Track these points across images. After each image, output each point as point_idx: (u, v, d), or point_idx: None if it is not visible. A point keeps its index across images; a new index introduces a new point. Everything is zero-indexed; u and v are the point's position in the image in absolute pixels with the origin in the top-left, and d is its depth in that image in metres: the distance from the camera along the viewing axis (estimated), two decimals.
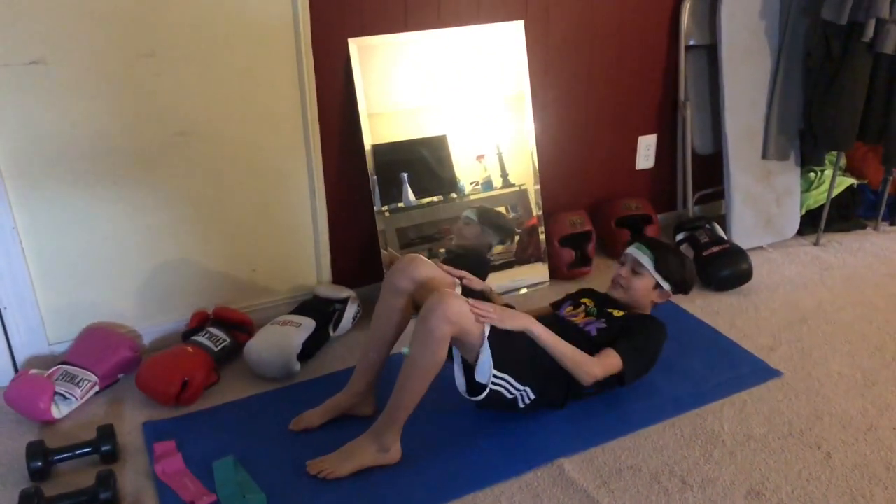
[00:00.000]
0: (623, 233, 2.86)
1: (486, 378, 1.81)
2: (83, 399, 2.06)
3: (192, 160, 2.19)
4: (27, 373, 2.06)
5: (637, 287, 2.07)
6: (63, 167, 2.04)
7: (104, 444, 1.84)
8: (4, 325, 2.13)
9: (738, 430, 1.96)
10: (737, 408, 2.05)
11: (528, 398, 1.90)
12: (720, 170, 2.92)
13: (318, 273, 2.51)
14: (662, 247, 2.12)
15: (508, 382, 1.84)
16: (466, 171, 2.55)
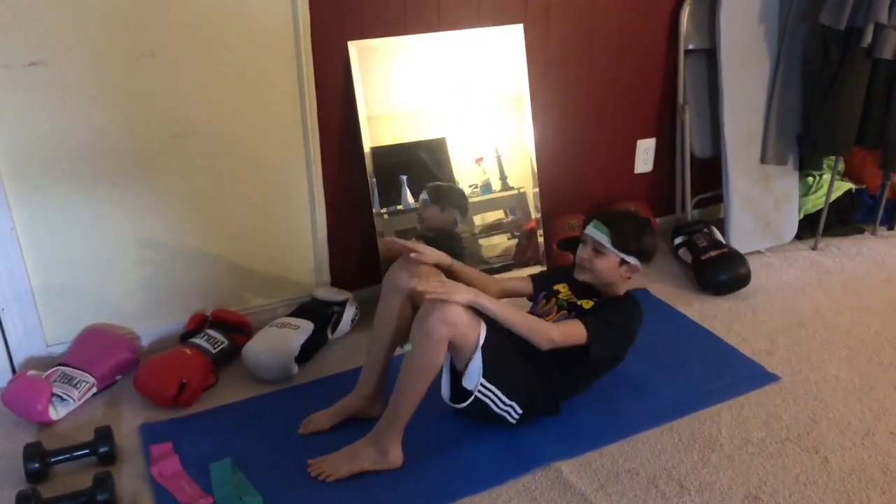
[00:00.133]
0: None
1: (474, 385, 1.80)
2: (81, 400, 2.06)
3: (191, 162, 2.20)
4: (25, 374, 2.06)
5: (601, 267, 1.93)
6: (62, 168, 2.04)
7: (102, 446, 1.84)
8: (2, 327, 2.12)
9: (736, 435, 1.96)
10: (734, 412, 2.05)
11: (517, 413, 1.89)
12: (719, 174, 2.92)
13: (317, 275, 2.51)
14: (617, 219, 1.97)
15: (495, 395, 1.83)
16: (465, 174, 2.56)
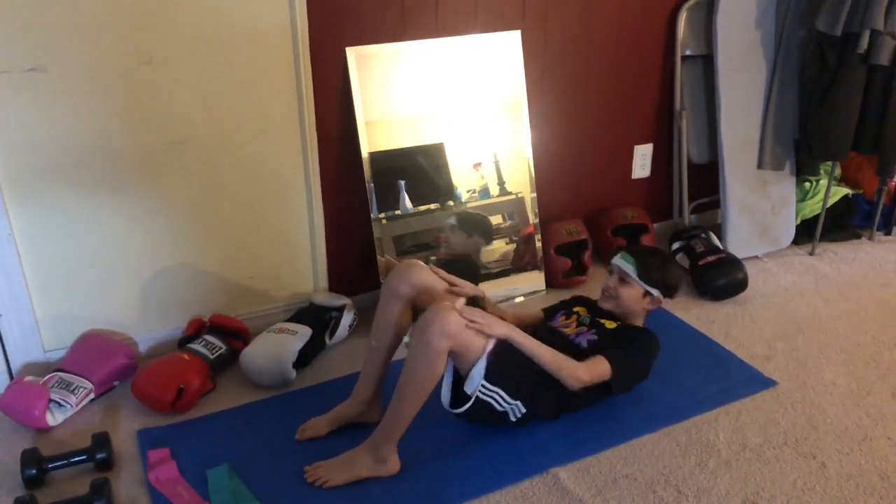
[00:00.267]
0: (619, 242, 2.86)
1: (473, 389, 1.81)
2: (78, 406, 2.05)
3: (190, 167, 2.20)
4: (22, 380, 2.05)
5: (626, 296, 2.05)
6: (60, 174, 2.04)
7: (99, 452, 1.83)
8: (0, 332, 2.12)
9: (734, 440, 1.96)
10: (732, 417, 2.05)
11: (520, 412, 1.89)
12: (716, 179, 2.93)
13: (315, 280, 2.51)
14: (645, 253, 2.10)
15: (499, 395, 1.84)
16: (463, 179, 2.56)
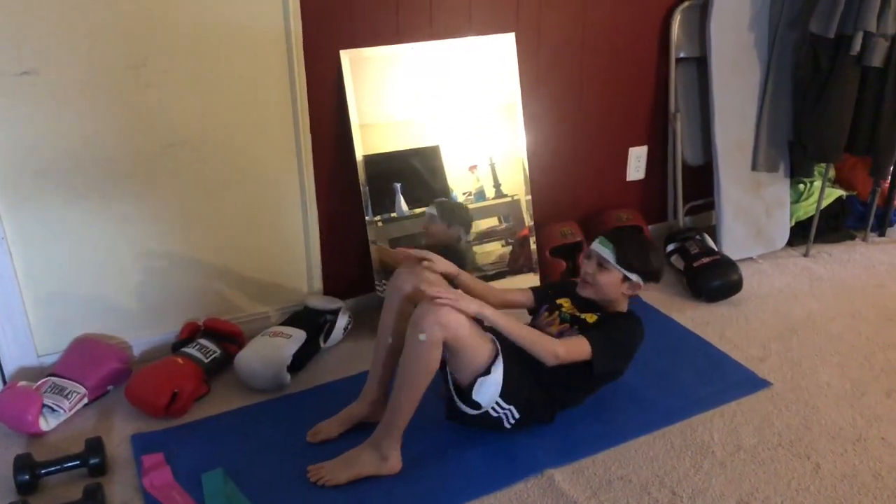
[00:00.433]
0: None
1: (488, 401, 1.81)
2: (72, 411, 2.05)
3: (183, 171, 2.19)
4: (15, 385, 2.05)
5: (604, 282, 1.97)
6: (53, 178, 2.04)
7: (92, 457, 1.83)
8: None
9: (728, 441, 1.96)
10: (727, 418, 2.05)
11: (513, 417, 1.89)
12: (711, 181, 2.94)
13: (310, 284, 2.51)
14: (624, 237, 2.01)
15: (496, 402, 1.84)
16: (459, 182, 2.56)
